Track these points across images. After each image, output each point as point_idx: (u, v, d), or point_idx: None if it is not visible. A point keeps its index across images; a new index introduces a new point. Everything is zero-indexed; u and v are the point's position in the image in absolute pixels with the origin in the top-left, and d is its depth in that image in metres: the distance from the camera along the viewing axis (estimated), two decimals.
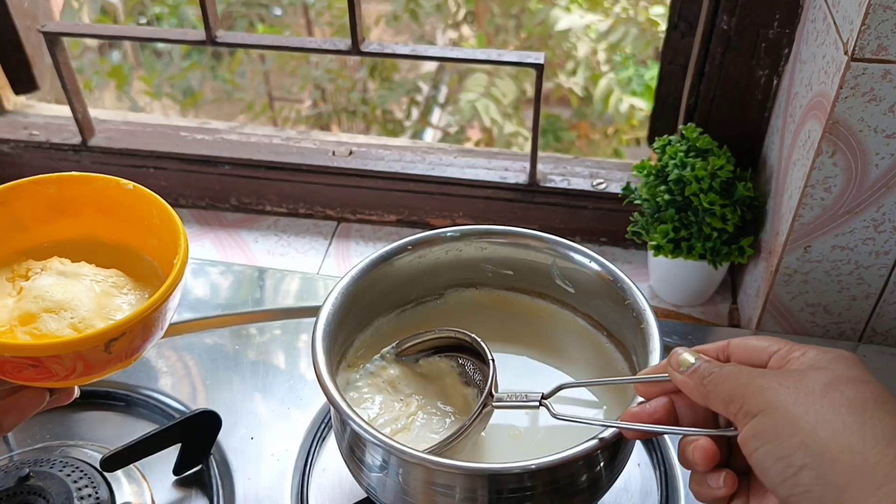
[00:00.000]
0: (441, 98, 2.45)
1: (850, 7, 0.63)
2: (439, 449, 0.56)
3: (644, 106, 2.03)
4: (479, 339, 0.59)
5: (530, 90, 2.23)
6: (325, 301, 0.60)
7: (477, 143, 2.25)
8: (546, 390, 0.55)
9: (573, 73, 2.20)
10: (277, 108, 2.37)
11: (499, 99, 2.15)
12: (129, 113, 1.60)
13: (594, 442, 0.50)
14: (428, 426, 0.60)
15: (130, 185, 0.57)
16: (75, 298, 0.51)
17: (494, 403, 0.56)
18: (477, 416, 0.56)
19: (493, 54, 0.90)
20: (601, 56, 2.14)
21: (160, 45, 2.15)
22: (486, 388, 0.56)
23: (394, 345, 0.64)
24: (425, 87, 2.38)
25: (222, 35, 0.91)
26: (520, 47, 2.22)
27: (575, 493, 0.55)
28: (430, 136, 2.34)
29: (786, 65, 0.81)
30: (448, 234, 0.65)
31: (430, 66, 2.40)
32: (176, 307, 0.53)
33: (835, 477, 0.38)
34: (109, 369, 0.51)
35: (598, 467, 0.55)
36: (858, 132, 0.66)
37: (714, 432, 0.47)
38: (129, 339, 0.49)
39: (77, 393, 0.54)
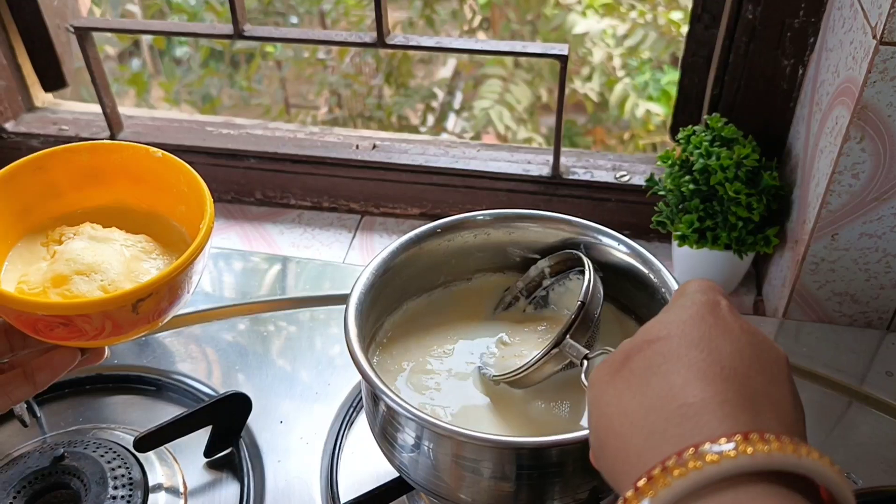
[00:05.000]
0: (456, 104, 2.47)
1: None
2: (505, 378, 0.58)
3: (660, 111, 2.03)
4: (586, 265, 0.60)
5: (545, 95, 2.24)
6: (356, 282, 0.60)
7: None
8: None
9: (589, 78, 2.21)
10: (294, 114, 2.39)
11: (513, 105, 2.16)
12: (152, 109, 1.61)
13: None
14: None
15: (160, 153, 0.58)
16: (105, 261, 0.52)
17: (560, 348, 0.55)
18: (545, 355, 0.56)
19: (517, 46, 0.91)
20: (617, 61, 2.15)
21: (179, 53, 2.17)
22: (563, 328, 0.56)
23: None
24: (440, 94, 2.39)
25: (250, 29, 0.93)
26: None
27: None
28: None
29: (811, 54, 0.82)
30: (478, 217, 0.65)
31: (446, 73, 2.41)
32: (202, 271, 0.53)
33: (609, 465, 0.38)
34: (137, 330, 0.51)
35: None
36: (887, 117, 0.66)
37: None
38: (155, 300, 0.50)
39: (107, 353, 0.55)
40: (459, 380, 0.62)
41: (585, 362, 0.53)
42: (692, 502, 0.31)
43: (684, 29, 1.97)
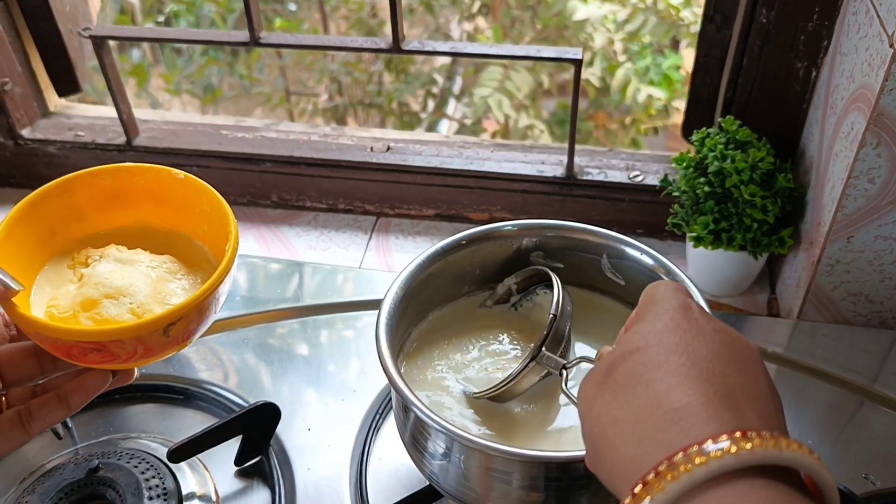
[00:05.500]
0: (456, 89, 2.46)
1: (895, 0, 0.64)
2: (487, 394, 0.59)
3: (661, 95, 2.03)
4: (554, 281, 0.61)
5: (547, 81, 2.24)
6: (385, 296, 0.61)
7: (493, 135, 2.26)
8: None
9: (590, 63, 2.20)
10: (294, 102, 2.38)
11: (513, 93, 2.16)
12: (166, 112, 1.62)
13: None
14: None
15: (181, 174, 0.59)
16: (133, 284, 0.53)
17: (537, 360, 0.58)
18: (523, 369, 0.58)
19: (532, 50, 0.91)
20: (618, 46, 2.15)
21: (182, 47, 2.17)
22: (538, 341, 0.58)
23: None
24: (440, 79, 2.39)
25: (265, 36, 0.93)
26: (535, 38, 2.23)
27: None
28: (445, 127, 2.36)
29: (825, 57, 0.82)
30: (504, 228, 0.66)
31: (446, 59, 2.41)
32: (227, 292, 0.54)
33: (606, 473, 0.39)
34: (167, 352, 0.53)
35: None
36: None
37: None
38: (185, 323, 0.51)
39: (136, 374, 0.56)
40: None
41: (564, 371, 0.56)
42: (686, 502, 0.33)
43: (684, 13, 1.97)
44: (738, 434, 0.34)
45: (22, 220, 0.54)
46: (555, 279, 0.62)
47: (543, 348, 0.58)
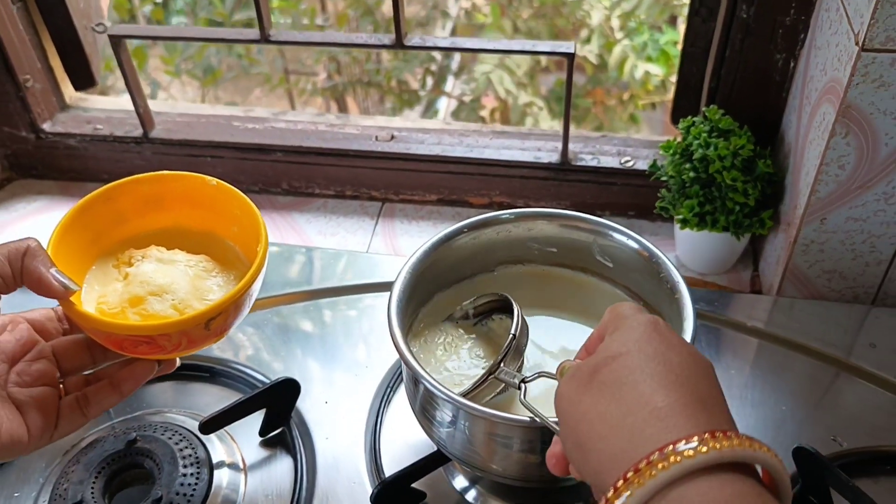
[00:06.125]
0: (454, 66, 2.49)
1: (861, 1, 0.70)
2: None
3: (659, 71, 2.06)
4: (513, 304, 0.66)
5: (544, 59, 2.27)
6: (395, 280, 0.67)
7: (492, 112, 2.30)
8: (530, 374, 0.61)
9: (587, 41, 2.23)
10: (293, 81, 2.41)
11: (513, 70, 2.20)
12: (177, 103, 1.67)
13: None
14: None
15: (214, 181, 0.64)
16: (174, 282, 0.59)
17: (495, 375, 0.63)
18: (482, 384, 0.63)
19: (528, 45, 0.97)
20: (615, 23, 2.17)
21: (175, 22, 2.18)
22: (498, 358, 0.63)
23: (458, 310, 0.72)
24: (438, 57, 2.41)
25: (275, 34, 0.98)
26: (533, 16, 2.25)
27: None
28: (444, 104, 2.39)
29: (801, 48, 0.88)
30: (502, 216, 0.72)
31: (444, 35, 2.43)
32: (259, 288, 0.60)
33: (594, 465, 0.43)
34: (206, 343, 0.59)
35: None
36: (869, 115, 0.73)
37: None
38: (224, 317, 0.57)
39: (178, 363, 0.63)
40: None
41: (524, 385, 0.60)
42: (668, 492, 0.38)
43: None
44: (719, 433, 0.39)
45: (72, 225, 0.60)
46: (514, 304, 0.66)
47: (503, 364, 0.63)
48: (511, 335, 0.64)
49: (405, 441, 0.76)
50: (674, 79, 2.09)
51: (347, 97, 2.38)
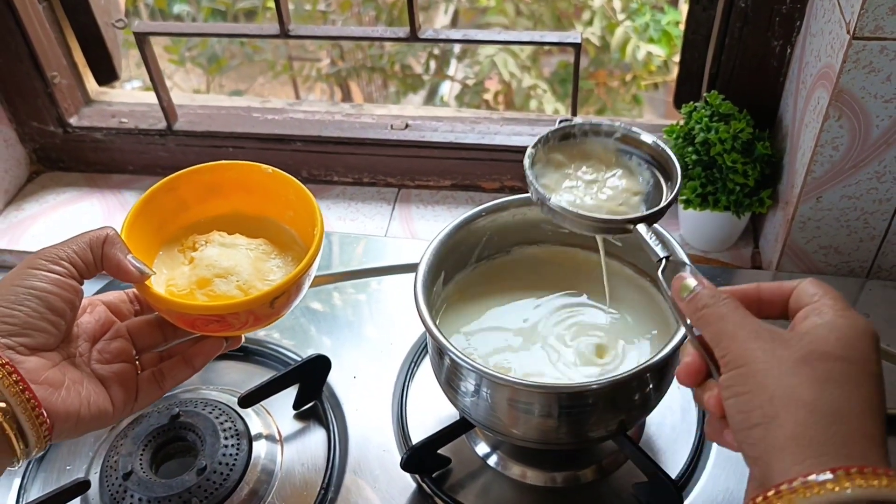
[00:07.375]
0: (457, 50, 2.51)
1: None
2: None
3: (661, 52, 2.09)
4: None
5: None
6: (420, 262, 0.72)
7: (496, 95, 2.33)
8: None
9: (589, 23, 2.26)
10: (297, 68, 2.44)
11: (516, 53, 2.23)
12: (195, 95, 1.71)
13: (643, 366, 0.64)
14: None
15: (270, 169, 0.69)
16: (238, 265, 0.64)
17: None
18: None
19: (536, 36, 1.02)
20: (617, 4, 2.19)
21: (178, 10, 2.21)
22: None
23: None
24: None
25: (294, 28, 1.03)
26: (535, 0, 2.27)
27: (630, 408, 0.68)
28: (447, 88, 2.42)
29: (797, 35, 0.92)
30: (516, 200, 0.77)
31: (446, 19, 2.44)
32: (316, 269, 0.65)
33: (776, 441, 0.43)
34: (270, 321, 0.64)
35: (648, 388, 0.68)
36: (861, 98, 0.77)
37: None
38: (287, 296, 0.62)
39: (243, 340, 0.67)
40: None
41: (664, 262, 0.59)
42: None
43: None
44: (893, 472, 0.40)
45: (140, 215, 0.65)
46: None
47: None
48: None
49: (430, 411, 0.81)
50: (676, 59, 2.11)
51: (351, 82, 2.41)
